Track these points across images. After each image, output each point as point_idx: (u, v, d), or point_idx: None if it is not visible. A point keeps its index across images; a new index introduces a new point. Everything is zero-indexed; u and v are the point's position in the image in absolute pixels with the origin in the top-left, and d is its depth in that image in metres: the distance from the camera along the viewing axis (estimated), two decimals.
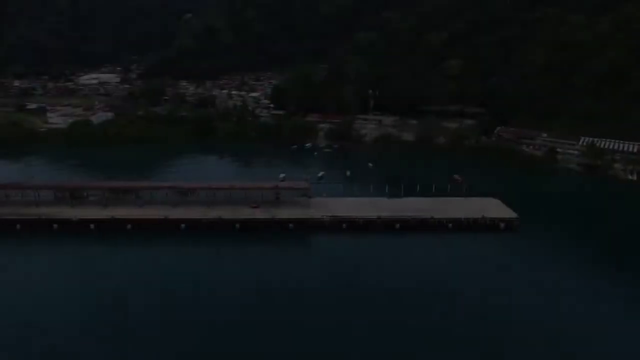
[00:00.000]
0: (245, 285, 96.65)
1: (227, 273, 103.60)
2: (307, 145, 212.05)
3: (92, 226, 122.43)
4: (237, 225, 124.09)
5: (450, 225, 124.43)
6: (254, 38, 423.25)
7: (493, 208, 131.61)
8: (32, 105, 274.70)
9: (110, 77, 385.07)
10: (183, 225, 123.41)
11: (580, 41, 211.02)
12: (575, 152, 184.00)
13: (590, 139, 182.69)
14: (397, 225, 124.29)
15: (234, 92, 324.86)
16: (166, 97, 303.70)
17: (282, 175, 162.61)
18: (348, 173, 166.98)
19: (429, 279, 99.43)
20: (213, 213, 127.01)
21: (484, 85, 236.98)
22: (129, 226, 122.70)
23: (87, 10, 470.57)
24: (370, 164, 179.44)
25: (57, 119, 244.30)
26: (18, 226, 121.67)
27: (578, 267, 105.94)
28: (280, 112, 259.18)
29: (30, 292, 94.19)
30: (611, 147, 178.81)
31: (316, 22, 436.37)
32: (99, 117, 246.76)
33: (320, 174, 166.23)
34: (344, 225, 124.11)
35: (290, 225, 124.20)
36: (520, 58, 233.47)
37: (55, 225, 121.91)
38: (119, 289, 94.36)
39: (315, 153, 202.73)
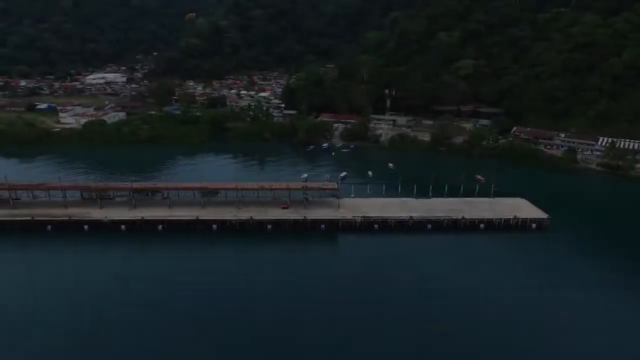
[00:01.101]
0: (285, 285, 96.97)
1: (265, 273, 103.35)
2: (324, 145, 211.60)
3: (123, 227, 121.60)
4: (269, 226, 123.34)
5: (482, 225, 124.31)
6: (260, 38, 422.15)
7: (523, 208, 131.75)
8: (42, 105, 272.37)
9: (116, 77, 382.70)
10: (215, 226, 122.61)
11: (595, 41, 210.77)
12: (595, 152, 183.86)
13: (610, 139, 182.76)
14: (429, 226, 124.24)
15: (243, 92, 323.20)
16: (175, 97, 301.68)
17: (304, 176, 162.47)
18: (370, 173, 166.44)
19: (467, 279, 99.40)
20: (244, 214, 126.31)
21: (497, 85, 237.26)
22: (160, 227, 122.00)
23: (91, 10, 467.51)
24: (390, 165, 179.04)
25: (69, 119, 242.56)
26: (49, 227, 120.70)
27: (617, 265, 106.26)
28: (292, 112, 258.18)
29: (79, 292, 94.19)
30: (630, 147, 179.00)
31: (321, 22, 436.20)
32: (112, 117, 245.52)
33: (343, 174, 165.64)
34: (376, 226, 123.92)
35: (322, 225, 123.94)
36: (534, 58, 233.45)
37: (86, 226, 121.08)
38: (166, 289, 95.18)
39: (333, 153, 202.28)
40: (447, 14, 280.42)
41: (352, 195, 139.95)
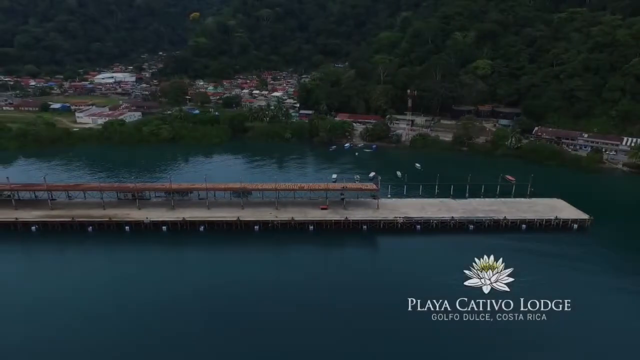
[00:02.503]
0: (343, 286, 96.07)
1: (317, 274, 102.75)
2: (345, 145, 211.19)
3: (164, 228, 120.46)
4: (311, 227, 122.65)
5: (523, 226, 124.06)
6: (267, 37, 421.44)
7: (561, 208, 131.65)
8: (56, 105, 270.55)
9: (125, 77, 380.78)
10: (256, 227, 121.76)
11: (616, 41, 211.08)
12: (620, 152, 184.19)
13: (635, 139, 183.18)
14: (471, 227, 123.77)
15: (255, 92, 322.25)
16: (188, 97, 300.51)
17: (334, 176, 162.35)
18: (399, 174, 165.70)
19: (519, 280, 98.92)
20: (283, 214, 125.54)
21: (515, 85, 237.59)
22: (201, 228, 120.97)
23: (96, 9, 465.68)
24: (417, 165, 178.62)
25: (85, 119, 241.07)
26: (90, 228, 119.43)
27: None
28: (308, 112, 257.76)
29: (130, 294, 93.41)
30: None
31: (329, 22, 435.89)
32: (128, 116, 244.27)
33: (372, 174, 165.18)
34: (418, 227, 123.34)
35: (364, 226, 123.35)
36: (551, 58, 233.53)
37: (127, 227, 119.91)
38: (217, 290, 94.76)
39: (357, 153, 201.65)
40: (462, 14, 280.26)
41: (389, 196, 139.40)
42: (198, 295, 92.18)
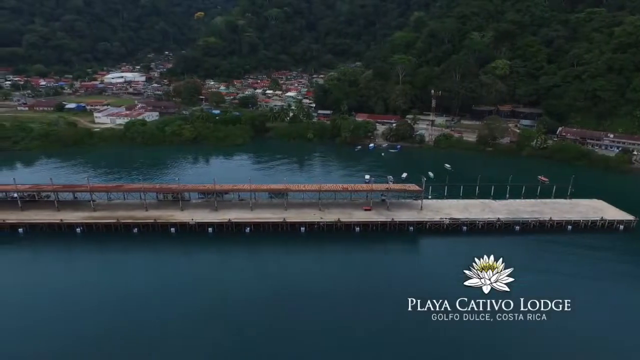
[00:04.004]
0: (399, 286, 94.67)
1: (368, 275, 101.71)
2: (370, 145, 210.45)
3: (210, 230, 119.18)
4: (357, 228, 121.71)
5: (569, 227, 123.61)
6: (277, 37, 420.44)
7: (604, 209, 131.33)
8: (71, 105, 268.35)
9: (135, 76, 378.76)
10: (302, 229, 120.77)
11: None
12: None
13: None
14: (517, 228, 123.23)
15: (269, 92, 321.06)
16: (202, 97, 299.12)
17: (367, 177, 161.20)
18: (431, 174, 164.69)
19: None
20: (327, 215, 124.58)
21: (534, 85, 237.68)
22: (247, 229, 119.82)
23: (102, 8, 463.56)
24: (447, 165, 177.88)
25: (104, 119, 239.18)
26: (135, 230, 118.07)
27: None
28: (326, 112, 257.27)
29: (185, 295, 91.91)
30: None
31: (338, 22, 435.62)
32: (147, 116, 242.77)
33: (404, 175, 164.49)
34: (465, 228, 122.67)
35: (411, 228, 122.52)
36: (572, 58, 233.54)
37: (172, 229, 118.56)
38: (270, 290, 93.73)
39: (383, 154, 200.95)
40: (478, 14, 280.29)
41: (430, 197, 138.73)
42: (263, 297, 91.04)
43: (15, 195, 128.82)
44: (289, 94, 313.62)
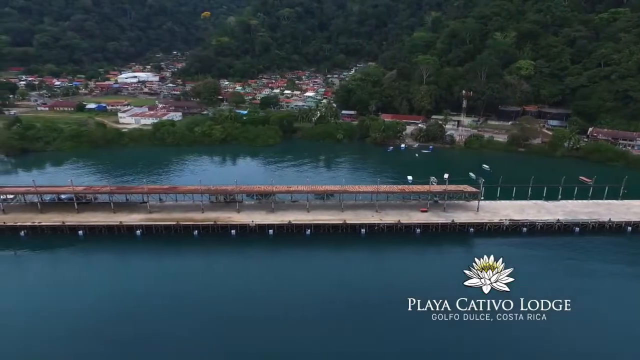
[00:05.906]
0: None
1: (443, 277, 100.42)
2: (401, 146, 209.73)
3: (270, 232, 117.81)
4: (418, 230, 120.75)
5: (629, 228, 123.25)
6: (289, 37, 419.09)
7: None
8: (92, 105, 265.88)
9: (148, 76, 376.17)
10: (363, 230, 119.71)
11: None
12: None
13: None
14: (577, 229, 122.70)
15: (287, 92, 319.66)
16: (220, 97, 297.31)
17: (410, 178, 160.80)
18: (473, 175, 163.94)
19: None
20: (386, 217, 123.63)
21: (559, 85, 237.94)
22: (308, 231, 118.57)
23: (110, 8, 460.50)
24: (485, 166, 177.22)
25: (128, 119, 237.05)
26: (195, 232, 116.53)
27: None
28: (350, 112, 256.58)
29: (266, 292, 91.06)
30: None
31: (349, 21, 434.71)
32: (171, 116, 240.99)
33: (446, 175, 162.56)
34: (524, 229, 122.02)
35: (471, 229, 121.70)
36: (599, 58, 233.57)
37: (233, 231, 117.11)
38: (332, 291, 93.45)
39: (417, 155, 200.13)
40: (499, 14, 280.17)
41: (482, 198, 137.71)
42: (334, 302, 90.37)
43: (64, 197, 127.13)
44: (308, 94, 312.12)
